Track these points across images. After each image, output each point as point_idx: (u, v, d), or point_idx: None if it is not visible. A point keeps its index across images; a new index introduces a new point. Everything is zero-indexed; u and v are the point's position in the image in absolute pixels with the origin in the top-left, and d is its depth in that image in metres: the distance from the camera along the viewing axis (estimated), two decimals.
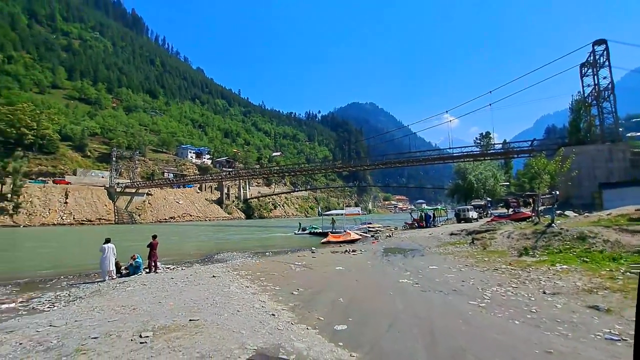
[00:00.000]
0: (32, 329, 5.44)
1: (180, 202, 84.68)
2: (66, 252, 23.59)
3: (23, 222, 54.84)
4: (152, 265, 12.89)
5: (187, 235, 38.57)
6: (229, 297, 7.74)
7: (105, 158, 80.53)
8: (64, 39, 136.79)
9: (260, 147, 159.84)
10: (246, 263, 14.67)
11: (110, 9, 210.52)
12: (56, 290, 10.05)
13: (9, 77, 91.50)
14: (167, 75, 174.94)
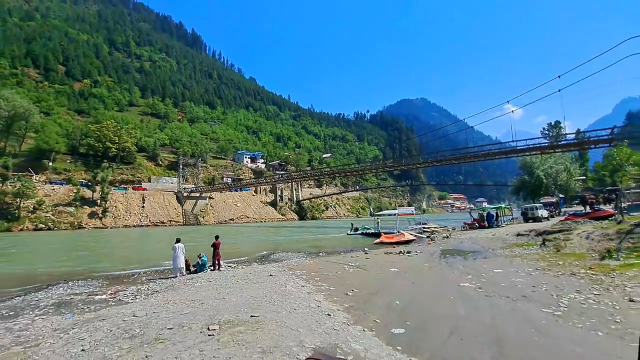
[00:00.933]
0: (119, 318, 6.23)
1: (238, 204, 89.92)
2: (144, 250, 26.51)
3: (110, 224, 62.95)
4: (216, 263, 13.89)
5: (245, 235, 40.78)
6: (285, 295, 8.01)
7: (174, 166, 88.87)
8: (137, 62, 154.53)
9: (311, 150, 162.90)
10: (301, 263, 15.04)
11: (174, 31, 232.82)
12: (137, 285, 11.36)
13: (96, 99, 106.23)
14: (224, 86, 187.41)
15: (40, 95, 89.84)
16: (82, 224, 59.70)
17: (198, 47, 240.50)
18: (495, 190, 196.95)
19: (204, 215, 79.79)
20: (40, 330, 6.34)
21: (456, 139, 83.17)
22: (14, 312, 8.22)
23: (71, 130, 76.37)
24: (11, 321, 7.31)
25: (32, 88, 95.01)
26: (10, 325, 6.91)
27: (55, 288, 11.33)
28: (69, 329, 6.09)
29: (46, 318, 7.37)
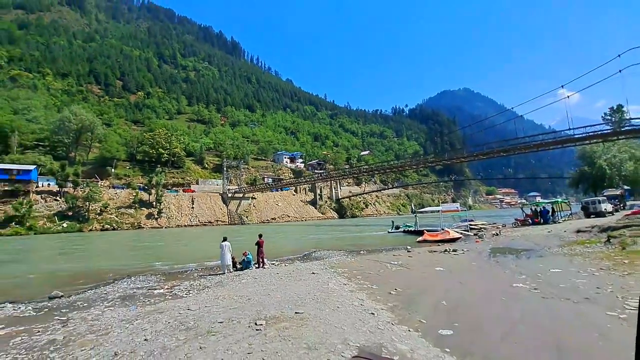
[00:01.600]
0: (176, 311, 6.74)
1: (279, 204, 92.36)
2: (195, 248, 28.29)
3: (164, 224, 68.08)
4: (260, 261, 14.42)
5: (286, 234, 41.79)
6: (328, 293, 8.09)
7: (218, 168, 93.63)
8: (183, 72, 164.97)
9: (349, 148, 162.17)
10: (342, 261, 15.07)
11: (215, 40, 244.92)
12: (190, 280, 12.17)
13: (149, 109, 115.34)
14: (262, 90, 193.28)
15: (102, 109, 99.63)
16: (141, 224, 65.21)
17: (237, 53, 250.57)
18: (549, 184, 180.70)
19: (247, 215, 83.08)
20: (109, 320, 7.07)
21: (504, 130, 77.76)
22: (87, 304, 9.23)
23: (129, 139, 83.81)
24: (85, 312, 8.22)
25: (95, 102, 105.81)
26: (85, 315, 7.78)
27: (121, 282, 12.52)
28: (133, 319, 6.72)
29: (114, 309, 8.18)
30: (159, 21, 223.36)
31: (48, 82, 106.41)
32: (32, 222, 54.02)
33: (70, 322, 7.24)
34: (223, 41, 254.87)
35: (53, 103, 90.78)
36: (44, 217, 56.73)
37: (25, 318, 8.18)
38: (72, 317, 7.64)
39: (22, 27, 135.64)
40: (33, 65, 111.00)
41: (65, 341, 5.90)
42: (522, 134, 52.23)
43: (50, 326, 7.06)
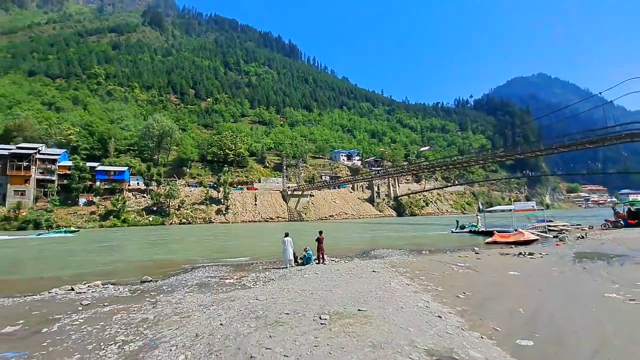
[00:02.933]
0: (246, 300, 7.24)
1: (336, 201, 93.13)
2: (258, 242, 30.01)
3: (231, 220, 73.50)
4: (320, 257, 14.73)
5: (345, 231, 41.95)
6: (391, 292, 7.93)
7: (279, 167, 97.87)
8: (246, 78, 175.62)
9: (407, 144, 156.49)
10: (403, 260, 14.63)
11: (274, 45, 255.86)
12: (256, 272, 12.96)
13: (217, 113, 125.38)
14: (319, 89, 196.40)
15: (178, 116, 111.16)
16: (211, 219, 71.29)
17: (294, 55, 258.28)
18: None
19: (306, 212, 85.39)
20: (189, 304, 7.89)
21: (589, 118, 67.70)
22: (171, 289, 10.41)
23: (200, 142, 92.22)
24: (170, 295, 9.28)
25: (173, 110, 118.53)
26: (170, 299, 8.79)
27: (197, 271, 13.86)
28: (209, 305, 7.41)
29: (192, 295, 9.11)
30: (225, 31, 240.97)
31: (136, 94, 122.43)
32: (126, 215, 62.76)
33: (159, 304, 8.25)
34: (281, 45, 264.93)
35: (140, 112, 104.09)
36: (135, 212, 65.47)
37: (123, 298, 9.52)
38: (159, 300, 8.70)
39: (115, 47, 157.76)
40: (124, 80, 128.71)
41: (155, 320, 6.75)
42: (612, 122, 44.67)
43: (142, 306, 8.12)
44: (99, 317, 7.28)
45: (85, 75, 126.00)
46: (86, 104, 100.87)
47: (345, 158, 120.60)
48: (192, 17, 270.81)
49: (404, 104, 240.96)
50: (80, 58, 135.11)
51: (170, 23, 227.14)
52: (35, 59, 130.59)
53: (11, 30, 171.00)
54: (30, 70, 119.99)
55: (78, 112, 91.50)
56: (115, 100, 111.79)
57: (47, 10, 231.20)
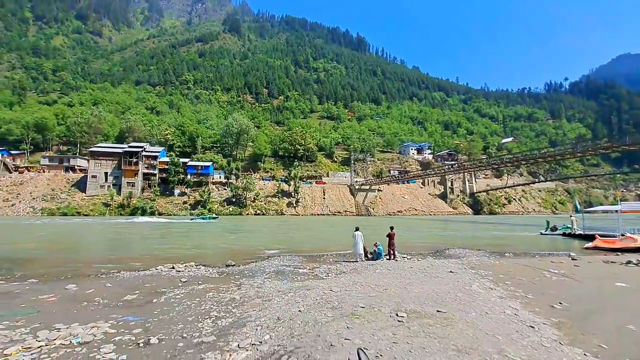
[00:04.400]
0: (320, 290, 7.51)
1: (405, 197, 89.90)
2: (327, 235, 30.73)
3: (301, 212, 76.60)
4: (391, 253, 14.44)
5: (415, 228, 40.30)
6: (472, 296, 7.40)
7: (346, 161, 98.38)
8: (315, 74, 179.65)
9: (486, 135, 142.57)
10: (483, 262, 13.48)
11: (342, 39, 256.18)
12: (327, 264, 13.32)
13: (287, 110, 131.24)
14: (387, 81, 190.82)
15: (254, 114, 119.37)
16: (283, 211, 75.31)
17: (363, 48, 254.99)
18: None
19: (373, 207, 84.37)
20: (269, 290, 8.51)
21: None
22: (251, 274, 11.35)
23: (273, 138, 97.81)
24: (251, 280, 10.14)
25: (249, 109, 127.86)
26: (252, 283, 9.60)
27: (272, 260, 14.84)
28: (287, 292, 7.89)
29: (271, 281, 9.79)
30: (295, 31, 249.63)
31: (218, 97, 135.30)
32: (210, 206, 70.20)
33: (243, 286, 9.09)
34: (349, 39, 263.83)
35: (221, 112, 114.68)
36: (217, 202, 72.77)
37: (212, 278, 10.70)
38: (243, 283, 9.57)
39: (201, 55, 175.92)
40: (208, 84, 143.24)
41: (241, 301, 7.46)
42: None
43: (229, 287, 9.04)
44: (195, 294, 8.33)
45: (178, 81, 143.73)
46: (179, 107, 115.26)
47: (415, 152, 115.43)
48: (265, 20, 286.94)
49: (482, 92, 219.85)
50: (174, 67, 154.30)
51: (246, 28, 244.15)
52: (140, 70, 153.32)
53: (122, 47, 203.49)
54: (137, 80, 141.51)
55: (173, 115, 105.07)
56: (202, 102, 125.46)
57: (148, 27, 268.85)
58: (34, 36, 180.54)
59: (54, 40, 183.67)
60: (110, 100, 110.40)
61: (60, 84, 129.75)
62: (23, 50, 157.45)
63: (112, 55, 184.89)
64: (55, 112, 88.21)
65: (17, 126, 79.59)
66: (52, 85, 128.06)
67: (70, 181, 70.48)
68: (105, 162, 70.79)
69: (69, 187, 69.03)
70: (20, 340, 5.14)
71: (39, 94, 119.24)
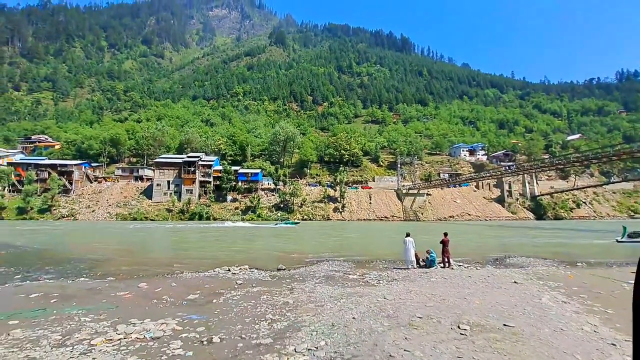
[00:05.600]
0: (373, 297, 7.37)
1: (457, 201, 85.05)
2: (374, 241, 30.18)
3: (347, 217, 76.26)
4: (446, 260, 13.71)
5: (468, 234, 37.88)
6: (542, 310, 6.73)
7: (392, 165, 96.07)
8: (358, 79, 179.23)
9: (548, 133, 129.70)
10: (552, 272, 12.21)
11: (385, 42, 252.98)
12: (377, 271, 13.05)
13: (332, 116, 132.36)
14: (434, 81, 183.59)
15: (299, 121, 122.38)
16: (329, 216, 75.66)
17: (407, 49, 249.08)
18: None
19: (422, 212, 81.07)
20: (321, 295, 8.56)
21: None
22: (302, 278, 11.53)
23: (318, 144, 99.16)
24: (302, 284, 10.30)
25: (294, 117, 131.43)
26: (303, 287, 9.74)
27: (321, 265, 14.95)
28: (339, 298, 7.87)
29: (322, 286, 9.85)
30: (338, 37, 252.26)
31: (265, 106, 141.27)
32: (260, 211, 73.07)
33: (295, 290, 9.27)
34: (393, 40, 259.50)
35: (269, 121, 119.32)
36: (266, 208, 75.50)
37: (265, 281, 11.08)
38: (295, 287, 9.76)
39: (249, 68, 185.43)
40: (256, 95, 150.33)
41: (294, 305, 7.60)
42: None
43: (282, 291, 9.27)
44: (251, 296, 8.69)
45: (229, 94, 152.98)
46: (230, 118, 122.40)
47: (466, 153, 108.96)
48: (309, 30, 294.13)
49: (542, 85, 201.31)
50: (226, 81, 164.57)
51: (291, 39, 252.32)
52: (196, 86, 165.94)
53: (181, 66, 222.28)
54: (194, 96, 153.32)
55: (225, 125, 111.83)
56: (251, 112, 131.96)
57: (203, 46, 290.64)
58: (108, 62, 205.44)
59: (124, 65, 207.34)
60: (171, 115, 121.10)
61: (130, 102, 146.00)
62: (100, 75, 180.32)
63: (172, 74, 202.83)
64: (127, 128, 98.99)
65: (96, 141, 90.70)
66: (123, 105, 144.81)
67: (139, 189, 78.29)
68: (167, 171, 77.49)
69: (138, 194, 76.70)
70: (103, 332, 5.77)
71: (113, 113, 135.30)
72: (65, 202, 72.17)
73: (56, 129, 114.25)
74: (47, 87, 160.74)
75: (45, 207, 68.61)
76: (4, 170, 73.86)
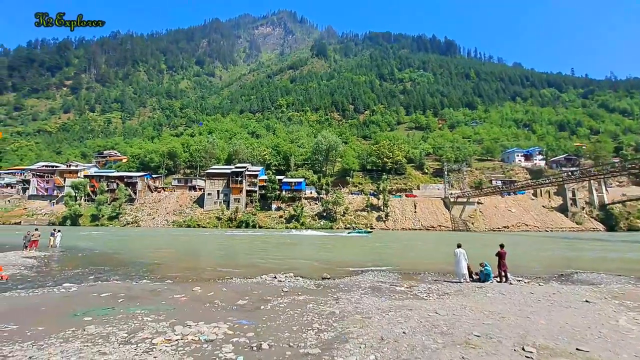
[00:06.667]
0: (424, 312, 7.02)
1: (512, 210, 78.70)
2: (422, 251, 28.92)
3: (391, 227, 74.25)
4: (502, 274, 12.69)
5: (526, 246, 34.65)
6: (620, 333, 5.90)
7: (439, 173, 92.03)
8: (400, 85, 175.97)
9: (617, 134, 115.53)
10: (630, 291, 10.72)
11: (428, 46, 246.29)
12: (426, 283, 12.46)
13: (374, 124, 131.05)
14: (483, 83, 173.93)
15: (341, 130, 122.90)
16: (372, 225, 74.24)
17: (452, 52, 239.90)
18: None
19: (472, 221, 76.27)
20: (367, 306, 8.37)
21: None
22: (347, 288, 11.39)
23: (360, 152, 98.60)
24: (348, 294, 10.17)
25: (336, 126, 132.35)
26: (349, 297, 9.62)
27: (366, 275, 14.66)
28: (387, 310, 7.63)
29: (368, 297, 9.64)
30: (379, 45, 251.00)
31: (307, 117, 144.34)
32: (303, 219, 74.07)
33: (340, 300, 9.18)
34: (436, 44, 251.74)
35: (311, 131, 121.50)
36: (309, 217, 76.34)
37: (310, 290, 11.12)
38: (340, 297, 9.67)
39: (292, 81, 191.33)
40: (299, 106, 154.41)
41: (341, 315, 7.52)
42: None
43: (328, 300, 9.23)
44: (297, 304, 8.77)
45: (273, 107, 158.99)
46: (274, 130, 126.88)
47: (522, 158, 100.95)
48: (349, 40, 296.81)
49: (608, 82, 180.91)
50: (270, 94, 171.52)
51: (332, 50, 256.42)
52: (243, 101, 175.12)
53: (229, 83, 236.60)
54: (241, 110, 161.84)
55: (269, 137, 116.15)
56: (294, 123, 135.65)
57: (249, 62, 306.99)
58: (167, 82, 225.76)
59: (180, 84, 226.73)
60: (221, 129, 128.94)
61: (185, 118, 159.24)
62: (160, 94, 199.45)
63: (222, 91, 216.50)
64: (182, 142, 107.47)
65: (156, 155, 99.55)
66: (179, 121, 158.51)
67: (192, 198, 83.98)
68: (217, 181, 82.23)
69: (191, 203, 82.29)
70: (163, 332, 6.19)
71: (171, 128, 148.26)
72: (130, 210, 79.70)
73: (123, 144, 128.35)
74: (117, 107, 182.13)
75: (114, 215, 76.30)
76: (82, 182, 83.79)
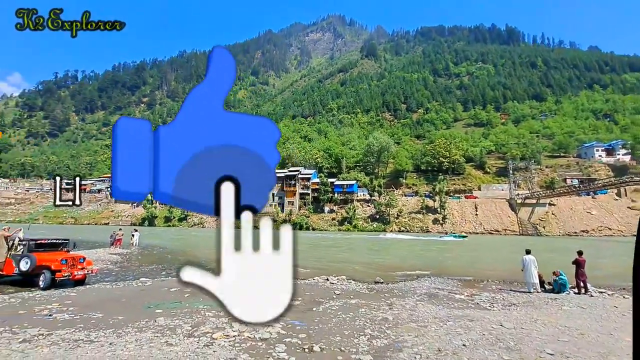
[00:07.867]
0: (487, 324, 6.49)
1: (592, 212, 69.02)
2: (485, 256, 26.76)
3: (449, 230, 70.02)
4: (581, 285, 11.19)
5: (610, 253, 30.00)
6: None
7: (502, 172, 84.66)
8: (457, 80, 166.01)
9: None
10: None
11: (487, 36, 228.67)
12: (489, 292, 11.51)
13: (428, 123, 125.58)
14: (552, 71, 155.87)
15: (393, 131, 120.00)
16: (428, 228, 71.01)
17: (514, 40, 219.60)
18: None
19: (544, 225, 68.64)
20: (423, 314, 8.00)
21: None
22: (402, 294, 11.02)
23: (414, 152, 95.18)
24: (402, 300, 9.83)
25: (388, 127, 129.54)
26: (403, 304, 9.29)
27: (423, 280, 14.02)
28: (446, 320, 7.21)
29: (424, 305, 9.21)
30: (432, 40, 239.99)
31: (358, 119, 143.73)
32: (356, 222, 73.72)
33: (394, 306, 8.91)
34: (496, 33, 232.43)
35: (362, 133, 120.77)
36: (362, 219, 75.66)
37: (363, 294, 10.98)
38: (394, 303, 9.38)
39: (343, 84, 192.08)
40: (349, 108, 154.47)
41: (394, 322, 7.29)
42: None
43: (381, 305, 9.02)
44: (349, 308, 8.72)
45: (324, 110, 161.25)
46: (326, 133, 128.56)
47: (602, 153, 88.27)
48: (400, 37, 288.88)
49: None
50: (321, 98, 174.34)
51: (382, 49, 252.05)
52: (295, 106, 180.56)
53: (282, 90, 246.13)
54: (293, 115, 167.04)
55: (321, 140, 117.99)
56: (345, 126, 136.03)
57: (301, 69, 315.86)
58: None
59: (238, 94, 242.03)
60: None
61: None
62: None
63: (275, 98, 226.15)
64: None
65: None
66: None
67: None
68: None
69: None
70: (222, 328, 6.59)
71: None
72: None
73: None
74: None
75: (183, 217, 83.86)
76: None
